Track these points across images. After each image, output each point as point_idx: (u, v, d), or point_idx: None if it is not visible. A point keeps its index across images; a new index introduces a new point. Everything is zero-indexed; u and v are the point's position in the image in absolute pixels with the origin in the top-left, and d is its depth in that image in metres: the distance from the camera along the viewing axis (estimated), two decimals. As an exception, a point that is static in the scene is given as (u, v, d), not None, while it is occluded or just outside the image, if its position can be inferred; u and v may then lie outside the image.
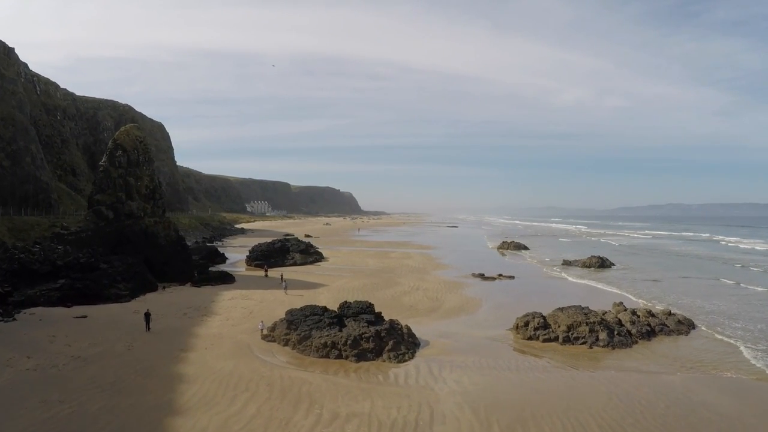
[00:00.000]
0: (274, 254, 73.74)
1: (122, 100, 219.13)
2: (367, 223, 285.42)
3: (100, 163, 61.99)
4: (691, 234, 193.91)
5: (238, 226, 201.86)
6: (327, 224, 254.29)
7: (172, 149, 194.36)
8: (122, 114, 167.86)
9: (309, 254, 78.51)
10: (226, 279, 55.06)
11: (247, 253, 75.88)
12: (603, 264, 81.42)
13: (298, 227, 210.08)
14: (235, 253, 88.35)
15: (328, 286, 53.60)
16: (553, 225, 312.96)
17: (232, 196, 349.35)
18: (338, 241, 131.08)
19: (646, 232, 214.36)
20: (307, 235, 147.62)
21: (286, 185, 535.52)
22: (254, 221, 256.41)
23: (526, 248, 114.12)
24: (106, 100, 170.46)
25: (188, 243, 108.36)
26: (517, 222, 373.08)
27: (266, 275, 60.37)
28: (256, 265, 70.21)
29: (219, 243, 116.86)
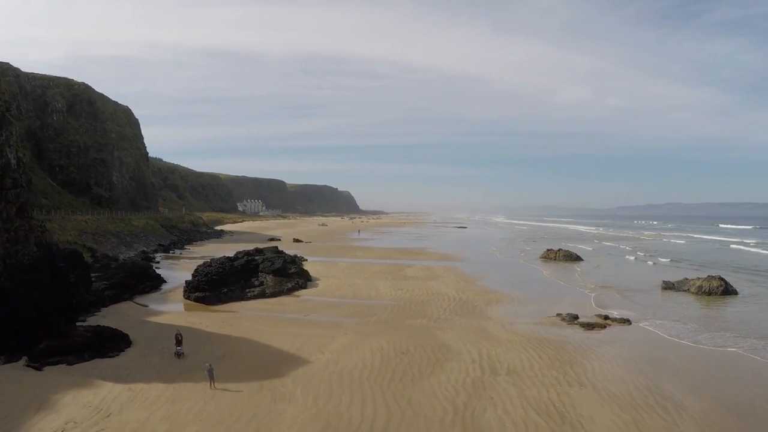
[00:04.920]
0: (230, 278, 46.08)
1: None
2: (368, 224, 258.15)
3: None
4: (721, 237, 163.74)
5: (218, 227, 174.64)
6: (323, 225, 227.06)
7: (142, 138, 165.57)
8: (77, 94, 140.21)
9: (288, 276, 50.94)
10: (105, 347, 27.39)
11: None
12: (727, 290, 54.54)
13: (289, 228, 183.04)
14: (187, 271, 60.15)
15: (309, 367, 25.70)
16: (562, 225, 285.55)
17: (221, 195, 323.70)
18: (335, 248, 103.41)
19: (670, 233, 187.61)
20: (296, 240, 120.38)
21: (281, 183, 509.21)
22: (241, 221, 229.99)
23: (579, 259, 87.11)
24: (59, 77, 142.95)
25: (132, 253, 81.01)
26: (523, 222, 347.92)
27: (179, 352, 27.07)
28: (197, 299, 42.63)
29: (177, 252, 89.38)
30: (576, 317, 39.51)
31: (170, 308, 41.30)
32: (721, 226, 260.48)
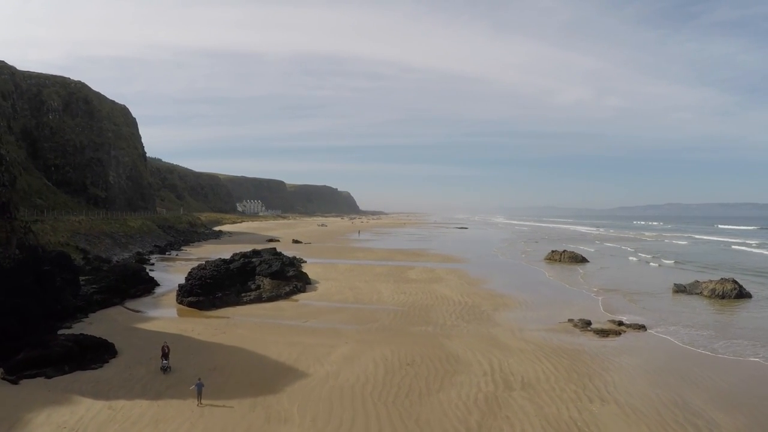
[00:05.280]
0: (225, 282, 44.18)
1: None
2: (368, 225, 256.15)
3: None
4: (723, 238, 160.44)
5: (217, 228, 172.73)
6: (322, 225, 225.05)
7: (139, 137, 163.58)
8: (73, 92, 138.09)
9: (286, 279, 49.04)
10: (88, 358, 25.50)
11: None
12: (741, 293, 52.90)
13: (288, 229, 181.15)
14: (182, 273, 57.94)
15: (307, 381, 23.83)
16: (562, 226, 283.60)
17: (221, 195, 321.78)
18: (334, 249, 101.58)
19: (671, 234, 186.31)
20: (295, 241, 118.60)
21: (281, 183, 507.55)
22: (241, 222, 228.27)
23: (584, 260, 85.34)
24: (55, 76, 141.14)
25: (127, 254, 78.83)
26: (523, 222, 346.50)
27: (165, 367, 24.75)
28: (190, 304, 40.76)
29: (173, 253, 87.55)
30: (589, 323, 37.67)
31: (162, 314, 39.36)
32: (720, 226, 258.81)
